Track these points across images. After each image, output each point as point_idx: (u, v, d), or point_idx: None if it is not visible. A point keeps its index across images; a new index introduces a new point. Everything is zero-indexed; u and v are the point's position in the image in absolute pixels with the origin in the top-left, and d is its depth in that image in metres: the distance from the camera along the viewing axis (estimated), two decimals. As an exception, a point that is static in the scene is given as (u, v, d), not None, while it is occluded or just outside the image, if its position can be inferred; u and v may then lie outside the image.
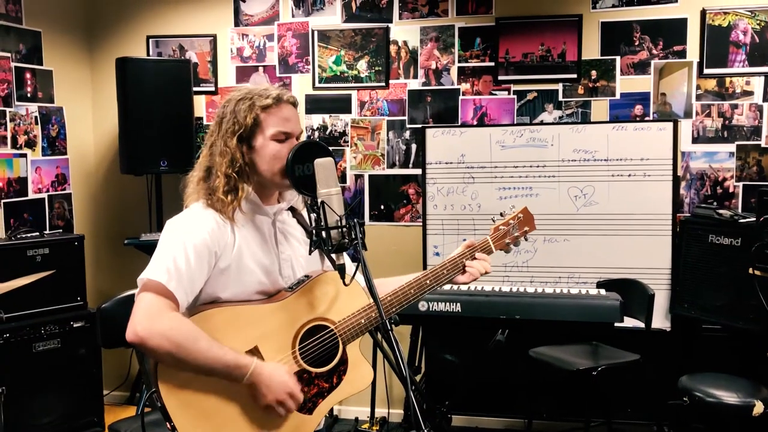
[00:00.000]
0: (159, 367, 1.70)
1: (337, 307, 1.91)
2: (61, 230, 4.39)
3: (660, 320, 3.86)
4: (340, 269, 1.79)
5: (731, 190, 4.01)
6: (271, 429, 1.80)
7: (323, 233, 1.76)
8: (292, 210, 2.02)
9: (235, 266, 1.82)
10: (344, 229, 1.76)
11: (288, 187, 1.88)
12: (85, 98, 4.73)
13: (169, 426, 1.73)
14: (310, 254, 1.87)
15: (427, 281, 2.02)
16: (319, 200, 1.77)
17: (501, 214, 2.20)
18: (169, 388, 1.70)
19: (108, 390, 4.49)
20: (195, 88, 4.47)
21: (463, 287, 3.77)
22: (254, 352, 1.78)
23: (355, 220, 1.76)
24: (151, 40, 4.64)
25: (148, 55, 4.63)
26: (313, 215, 1.80)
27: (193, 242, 1.76)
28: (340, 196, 1.79)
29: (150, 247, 4.21)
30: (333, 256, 1.79)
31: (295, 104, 1.93)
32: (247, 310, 1.82)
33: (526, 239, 2.21)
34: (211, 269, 1.79)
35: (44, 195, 4.32)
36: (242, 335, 1.78)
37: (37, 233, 3.94)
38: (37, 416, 3.71)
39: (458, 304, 3.53)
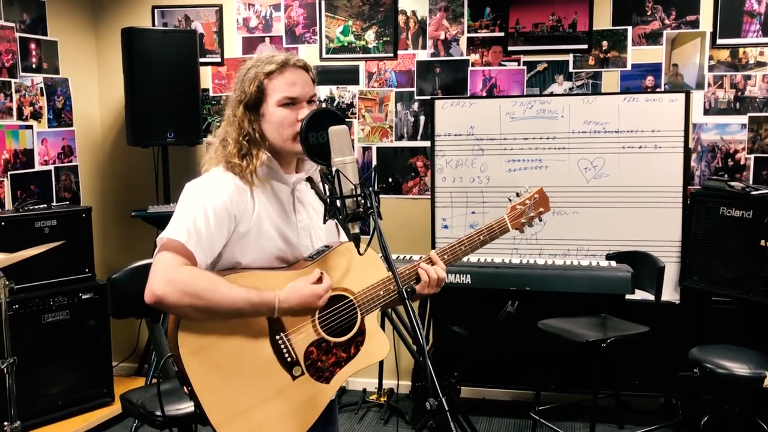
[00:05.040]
0: (180, 330, 1.69)
1: (357, 277, 1.90)
2: (68, 202, 4.38)
3: (669, 293, 3.85)
4: (355, 238, 1.78)
5: (742, 162, 3.98)
6: (290, 396, 1.80)
7: (338, 202, 1.74)
8: (310, 181, 2.00)
9: (255, 232, 1.81)
10: (359, 198, 1.74)
11: (302, 154, 1.86)
12: (91, 69, 4.69)
13: (186, 390, 1.73)
14: (324, 223, 1.86)
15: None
16: (334, 169, 1.75)
17: (517, 194, 2.21)
18: (189, 352, 1.69)
19: (116, 361, 4.51)
20: (201, 59, 4.43)
21: (473, 259, 3.76)
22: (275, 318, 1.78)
23: (371, 189, 1.74)
24: (156, 10, 4.58)
25: (153, 25, 4.58)
26: (328, 184, 1.78)
27: (213, 205, 1.75)
28: (354, 165, 1.76)
29: (157, 220, 4.23)
30: (348, 225, 1.77)
31: (305, 68, 1.90)
32: (268, 277, 1.81)
33: (540, 220, 2.24)
34: (230, 233, 1.78)
35: (51, 167, 4.30)
36: None
37: (45, 205, 3.92)
38: (48, 387, 3.73)
39: (468, 276, 3.53)
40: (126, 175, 4.73)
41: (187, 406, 2.45)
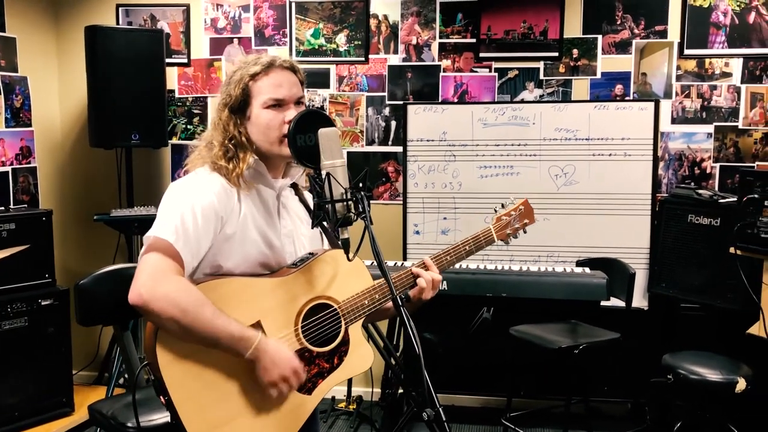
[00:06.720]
0: (159, 338, 1.62)
1: (342, 286, 1.85)
2: (26, 205, 4.22)
3: (638, 299, 3.89)
4: (345, 244, 1.73)
5: (708, 170, 4.05)
6: (271, 408, 1.74)
7: (328, 206, 1.69)
8: (294, 187, 1.95)
9: (240, 235, 1.76)
10: (350, 203, 1.69)
11: (290, 158, 1.81)
12: (51, 68, 4.54)
13: (163, 400, 1.66)
14: (313, 228, 1.81)
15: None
16: (324, 172, 1.70)
17: (503, 205, 2.21)
18: (168, 360, 1.63)
19: (76, 370, 4.35)
20: (167, 60, 4.32)
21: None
22: (256, 326, 1.72)
23: (362, 193, 1.70)
24: (120, 8, 4.46)
25: (117, 23, 4.45)
26: (316, 188, 1.73)
27: (200, 204, 1.70)
28: (345, 168, 1.73)
29: (121, 223, 4.11)
30: (337, 230, 1.72)
31: (292, 69, 1.86)
32: (251, 284, 1.75)
33: (525, 232, 2.23)
34: (216, 234, 1.72)
35: (8, 168, 4.14)
36: (245, 309, 1.71)
37: (2, 208, 3.77)
38: (5, 397, 3.57)
39: (444, 282, 3.49)
40: (88, 177, 4.58)
41: (160, 417, 2.37)
